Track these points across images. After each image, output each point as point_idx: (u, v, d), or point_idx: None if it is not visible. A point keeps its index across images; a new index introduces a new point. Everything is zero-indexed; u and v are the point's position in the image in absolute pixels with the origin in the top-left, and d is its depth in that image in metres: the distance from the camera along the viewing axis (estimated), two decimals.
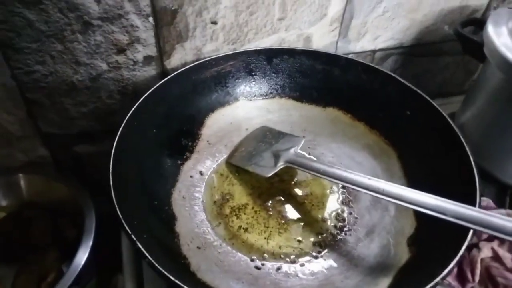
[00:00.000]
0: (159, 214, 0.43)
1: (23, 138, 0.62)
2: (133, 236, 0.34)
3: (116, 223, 0.36)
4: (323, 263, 0.43)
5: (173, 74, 0.51)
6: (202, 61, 0.53)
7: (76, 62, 0.55)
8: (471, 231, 0.34)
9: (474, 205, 0.37)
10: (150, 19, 0.54)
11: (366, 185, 0.41)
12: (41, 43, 0.52)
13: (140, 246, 0.33)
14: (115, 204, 0.36)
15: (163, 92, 0.49)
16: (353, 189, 0.42)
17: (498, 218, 0.34)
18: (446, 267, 0.34)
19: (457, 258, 0.33)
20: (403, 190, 0.39)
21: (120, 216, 0.35)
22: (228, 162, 0.52)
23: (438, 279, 0.33)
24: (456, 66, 0.77)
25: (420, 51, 0.72)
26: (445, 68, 0.77)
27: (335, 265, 0.42)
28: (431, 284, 0.33)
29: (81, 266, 0.52)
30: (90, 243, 0.54)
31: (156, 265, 0.32)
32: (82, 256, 0.53)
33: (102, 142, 0.67)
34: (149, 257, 0.32)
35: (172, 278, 0.31)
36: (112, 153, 0.41)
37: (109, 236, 0.56)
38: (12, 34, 0.50)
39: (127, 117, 0.44)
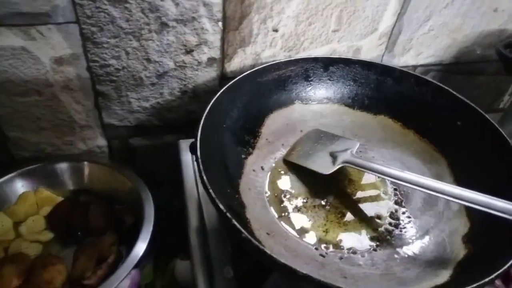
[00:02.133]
0: (231, 201, 0.46)
1: (86, 128, 0.65)
2: (224, 210, 0.37)
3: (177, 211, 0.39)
4: (382, 255, 0.46)
5: (243, 74, 0.55)
6: (266, 65, 0.57)
7: (148, 59, 0.59)
8: None
9: None
10: (220, 23, 0.58)
11: (421, 184, 0.45)
12: (120, 39, 0.56)
13: (235, 222, 0.36)
14: (206, 182, 0.39)
15: (234, 90, 0.53)
16: (407, 187, 0.46)
17: None
18: (504, 263, 0.37)
19: None
20: (456, 189, 0.43)
21: (212, 192, 0.39)
22: (286, 160, 0.56)
23: (497, 273, 0.36)
24: (488, 86, 0.82)
25: (457, 69, 0.77)
26: (478, 87, 0.81)
27: (393, 256, 0.46)
28: (490, 277, 0.36)
29: (143, 250, 0.55)
30: (151, 229, 0.58)
31: (252, 239, 0.35)
32: (143, 241, 0.56)
33: (156, 136, 0.70)
34: (244, 232, 0.35)
35: (264, 248, 0.34)
36: (198, 137, 0.44)
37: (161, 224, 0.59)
38: (95, 29, 0.54)
39: (207, 108, 0.48)
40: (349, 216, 0.50)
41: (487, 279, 0.36)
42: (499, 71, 0.69)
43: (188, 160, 0.61)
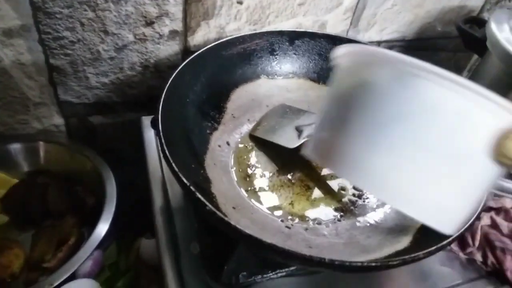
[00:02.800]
0: (196, 176, 0.45)
1: (41, 105, 0.62)
2: (188, 184, 0.36)
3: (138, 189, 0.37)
4: (345, 225, 0.47)
5: (206, 47, 0.53)
6: (231, 38, 0.56)
7: (105, 31, 0.56)
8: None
9: None
10: None
11: None
12: (73, 9, 0.53)
13: (199, 196, 0.35)
14: (168, 156, 0.38)
15: (197, 63, 0.51)
16: None
17: None
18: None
19: (472, 219, 0.38)
20: None
21: (174, 166, 0.37)
22: (252, 135, 0.55)
23: (452, 237, 0.38)
24: (448, 61, 0.84)
25: (419, 45, 0.78)
26: (438, 62, 0.83)
27: (356, 225, 0.47)
28: (447, 241, 0.38)
29: (105, 231, 0.54)
30: (113, 209, 0.56)
31: (216, 211, 0.34)
32: (105, 221, 0.55)
33: (116, 113, 0.68)
34: (209, 205, 0.35)
35: (228, 220, 0.34)
36: (160, 111, 0.42)
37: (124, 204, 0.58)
38: None
39: (169, 81, 0.46)
40: (314, 189, 0.51)
41: (444, 242, 0.37)
42: (459, 47, 0.71)
43: (151, 137, 0.59)
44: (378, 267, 0.35)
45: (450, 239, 0.38)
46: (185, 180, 0.37)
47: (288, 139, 0.53)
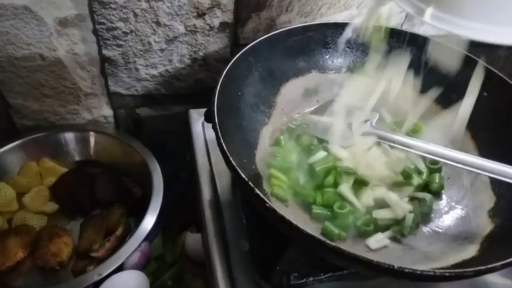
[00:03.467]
0: (248, 171, 0.44)
1: (91, 96, 0.62)
2: (246, 179, 0.35)
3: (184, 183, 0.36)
4: None
5: (259, 39, 0.51)
6: (283, 29, 0.54)
7: (157, 22, 0.56)
8: None
9: None
10: None
11: (444, 155, 0.43)
12: (128, 0, 0.53)
13: (258, 192, 0.34)
14: (226, 150, 0.37)
15: (250, 56, 0.50)
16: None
17: None
18: None
19: None
20: (481, 160, 0.41)
21: (232, 161, 0.36)
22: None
23: None
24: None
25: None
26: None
27: (414, 232, 0.44)
28: None
29: (152, 223, 0.53)
30: (160, 201, 0.56)
31: (276, 209, 0.33)
32: (153, 213, 0.54)
33: (164, 106, 0.68)
34: (268, 202, 0.33)
35: (291, 220, 0.32)
36: (215, 104, 0.41)
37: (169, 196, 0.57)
38: None
39: (223, 74, 0.45)
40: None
41: None
42: None
43: (199, 131, 0.58)
44: (450, 277, 0.32)
45: None
46: (243, 176, 0.36)
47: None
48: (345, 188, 0.45)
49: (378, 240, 0.42)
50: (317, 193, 0.45)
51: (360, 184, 0.46)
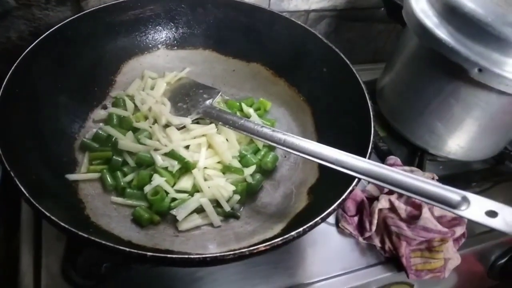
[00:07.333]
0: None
1: None
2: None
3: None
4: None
5: (84, 12, 0.47)
6: (118, 1, 0.50)
7: None
8: (356, 180, 0.36)
9: (365, 157, 0.38)
10: None
11: (272, 138, 0.42)
12: None
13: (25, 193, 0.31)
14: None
15: (72, 30, 0.46)
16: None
17: (386, 169, 0.36)
18: (326, 210, 0.34)
19: (338, 202, 0.34)
20: (298, 140, 0.40)
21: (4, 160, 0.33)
22: None
23: (317, 219, 0.34)
24: (388, 35, 0.79)
25: (353, 16, 0.73)
26: (378, 35, 0.78)
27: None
28: (310, 223, 0.33)
29: None
30: None
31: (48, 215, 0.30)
32: None
33: None
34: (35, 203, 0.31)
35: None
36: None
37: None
38: None
39: (23, 54, 0.41)
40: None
41: (300, 230, 0.33)
42: None
43: None
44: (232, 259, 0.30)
45: (312, 222, 0.34)
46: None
47: (180, 117, 0.49)
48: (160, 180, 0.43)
49: (189, 221, 0.41)
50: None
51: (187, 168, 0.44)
